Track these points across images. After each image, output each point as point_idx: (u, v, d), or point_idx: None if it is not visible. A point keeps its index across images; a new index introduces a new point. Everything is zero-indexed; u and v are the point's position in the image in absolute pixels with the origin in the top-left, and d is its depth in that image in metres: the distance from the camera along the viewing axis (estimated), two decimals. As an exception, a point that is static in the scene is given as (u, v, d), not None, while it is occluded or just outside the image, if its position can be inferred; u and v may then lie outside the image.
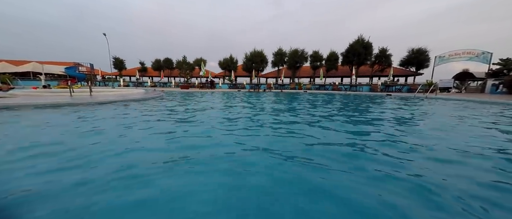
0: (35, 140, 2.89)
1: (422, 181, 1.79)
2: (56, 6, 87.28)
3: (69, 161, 2.12)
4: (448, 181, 1.79)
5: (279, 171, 1.98)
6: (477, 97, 12.19)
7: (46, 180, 1.71)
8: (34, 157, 2.24)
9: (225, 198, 1.54)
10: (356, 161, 2.31)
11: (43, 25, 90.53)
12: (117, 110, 5.80)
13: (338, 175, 1.93)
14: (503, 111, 6.76)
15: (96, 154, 2.35)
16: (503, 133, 3.71)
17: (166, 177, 1.82)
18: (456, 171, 2.04)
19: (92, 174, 1.84)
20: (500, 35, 66.48)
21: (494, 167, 2.12)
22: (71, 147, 2.56)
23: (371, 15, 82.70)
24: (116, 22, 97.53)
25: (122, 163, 2.09)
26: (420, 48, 23.17)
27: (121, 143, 2.84)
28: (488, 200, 1.52)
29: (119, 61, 33.30)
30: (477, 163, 2.23)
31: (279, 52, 28.87)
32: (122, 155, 2.34)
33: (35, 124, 3.99)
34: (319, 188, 1.69)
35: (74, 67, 13.64)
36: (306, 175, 1.90)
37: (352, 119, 5.06)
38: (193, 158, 2.27)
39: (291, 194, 1.59)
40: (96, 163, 2.08)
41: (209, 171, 1.96)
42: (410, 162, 2.23)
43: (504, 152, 2.64)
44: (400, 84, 22.54)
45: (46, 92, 10.55)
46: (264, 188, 1.67)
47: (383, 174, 1.94)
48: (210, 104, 7.64)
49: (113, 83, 27.17)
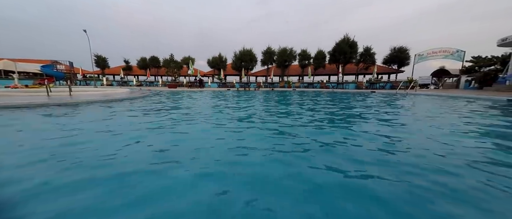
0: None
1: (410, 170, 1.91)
2: (36, 3, 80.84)
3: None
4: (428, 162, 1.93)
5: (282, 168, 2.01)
6: (452, 92, 13.07)
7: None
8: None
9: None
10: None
11: (21, 23, 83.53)
12: (100, 111, 5.54)
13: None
14: (473, 103, 7.40)
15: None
16: (476, 125, 4.03)
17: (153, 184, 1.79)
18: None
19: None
20: (471, 35, 72.00)
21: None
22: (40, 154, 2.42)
23: (356, 16, 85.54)
24: (99, 20, 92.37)
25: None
26: (401, 47, 24.34)
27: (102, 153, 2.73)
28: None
29: (102, 59, 31.70)
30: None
31: (268, 51, 28.98)
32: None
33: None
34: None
35: (51, 66, 12.83)
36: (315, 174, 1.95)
37: (348, 115, 5.24)
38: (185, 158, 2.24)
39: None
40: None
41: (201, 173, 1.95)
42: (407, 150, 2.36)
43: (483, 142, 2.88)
44: (384, 81, 23.56)
45: (20, 92, 9.83)
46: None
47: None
48: (199, 103, 7.54)
49: (95, 82, 25.82)
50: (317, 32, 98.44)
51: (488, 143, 2.78)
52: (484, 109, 6.09)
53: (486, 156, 2.20)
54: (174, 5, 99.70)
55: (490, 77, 16.11)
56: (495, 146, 2.62)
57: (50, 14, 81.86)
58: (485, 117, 4.79)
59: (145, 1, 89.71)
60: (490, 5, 58.49)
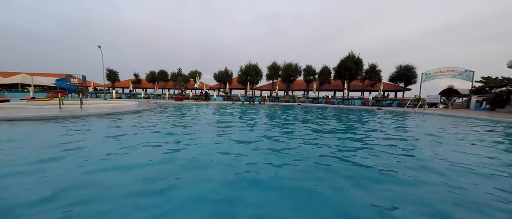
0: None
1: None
2: (50, 19, 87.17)
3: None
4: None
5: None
6: (465, 113, 12.69)
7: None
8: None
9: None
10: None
11: (36, 38, 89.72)
12: (107, 123, 5.62)
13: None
14: (492, 126, 7.08)
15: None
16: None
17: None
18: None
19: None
20: (480, 55, 71.65)
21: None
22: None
23: (361, 33, 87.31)
24: (110, 36, 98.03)
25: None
26: (408, 65, 24.35)
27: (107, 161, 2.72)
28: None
29: (113, 73, 33.02)
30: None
31: (273, 66, 29.55)
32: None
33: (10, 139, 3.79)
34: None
35: (66, 79, 13.42)
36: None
37: (353, 133, 5.10)
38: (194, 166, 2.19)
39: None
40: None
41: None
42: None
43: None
44: (390, 99, 23.29)
45: (33, 104, 10.20)
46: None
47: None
48: (205, 116, 7.56)
49: (105, 95, 26.65)
50: (322, 48, 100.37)
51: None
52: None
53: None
54: (181, 22, 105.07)
55: (502, 98, 15.66)
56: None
57: (66, 29, 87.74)
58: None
59: (154, 17, 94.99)
60: (498, 27, 58.83)
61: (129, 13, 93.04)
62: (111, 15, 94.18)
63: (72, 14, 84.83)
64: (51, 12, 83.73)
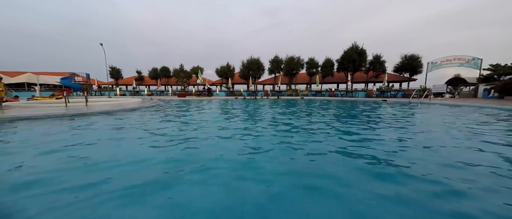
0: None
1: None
2: (52, 17, 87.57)
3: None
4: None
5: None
6: (472, 102, 12.44)
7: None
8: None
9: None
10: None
11: (38, 37, 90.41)
12: (114, 121, 5.70)
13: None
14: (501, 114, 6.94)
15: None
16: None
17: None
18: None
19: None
20: (489, 42, 69.07)
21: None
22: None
23: (364, 23, 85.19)
24: (112, 32, 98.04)
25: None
26: (413, 55, 23.80)
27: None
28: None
29: (116, 70, 33.25)
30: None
31: (276, 59, 29.28)
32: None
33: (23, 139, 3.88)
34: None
35: (70, 78, 13.57)
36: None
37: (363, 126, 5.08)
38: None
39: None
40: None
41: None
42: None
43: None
44: (395, 90, 22.96)
45: (41, 103, 10.39)
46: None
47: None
48: (210, 111, 7.60)
49: (109, 92, 26.93)
50: (324, 40, 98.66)
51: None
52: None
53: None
54: (182, 17, 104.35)
55: (511, 86, 15.25)
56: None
57: (69, 27, 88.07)
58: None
59: (155, 13, 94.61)
60: (504, 10, 56.22)
61: (129, 10, 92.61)
62: (112, 13, 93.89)
63: (72, 13, 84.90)
64: (51, 12, 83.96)
